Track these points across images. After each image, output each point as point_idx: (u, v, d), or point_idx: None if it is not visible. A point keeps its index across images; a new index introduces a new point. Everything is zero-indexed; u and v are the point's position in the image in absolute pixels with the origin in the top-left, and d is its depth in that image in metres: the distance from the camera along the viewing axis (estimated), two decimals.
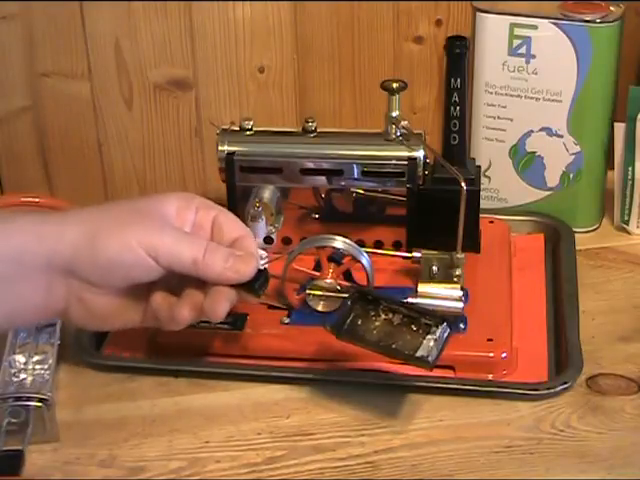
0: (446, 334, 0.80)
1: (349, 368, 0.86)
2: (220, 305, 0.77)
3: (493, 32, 1.02)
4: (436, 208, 0.95)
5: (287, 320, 0.90)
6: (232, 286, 0.78)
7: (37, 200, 1.05)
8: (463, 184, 0.89)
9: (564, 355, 0.88)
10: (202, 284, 0.78)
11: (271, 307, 0.90)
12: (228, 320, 0.87)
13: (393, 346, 0.80)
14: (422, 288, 0.88)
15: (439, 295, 0.87)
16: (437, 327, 0.81)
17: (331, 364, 0.87)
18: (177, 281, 0.78)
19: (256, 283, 0.78)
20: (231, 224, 0.81)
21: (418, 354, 0.79)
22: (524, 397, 0.84)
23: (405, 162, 0.94)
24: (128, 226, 0.76)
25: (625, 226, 1.07)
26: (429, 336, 0.80)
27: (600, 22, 0.99)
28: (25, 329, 0.88)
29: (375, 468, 0.78)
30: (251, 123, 0.97)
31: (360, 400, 0.83)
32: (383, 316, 0.83)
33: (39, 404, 0.80)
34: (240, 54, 1.14)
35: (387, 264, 0.95)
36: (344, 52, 1.16)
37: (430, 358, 0.79)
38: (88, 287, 0.76)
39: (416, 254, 0.92)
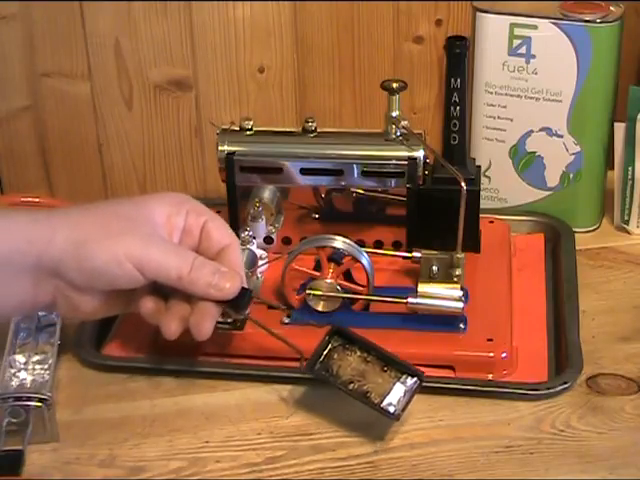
0: (415, 386, 0.80)
1: None
2: (205, 324, 0.78)
3: (493, 32, 1.02)
4: (436, 208, 0.95)
5: (287, 320, 0.90)
6: (216, 302, 0.78)
7: (37, 200, 1.05)
8: (463, 184, 0.89)
9: (564, 355, 0.88)
10: (188, 294, 0.78)
11: (271, 307, 0.90)
12: (228, 320, 0.87)
13: (364, 387, 0.80)
14: (422, 288, 0.88)
15: (439, 295, 0.87)
16: (409, 377, 0.81)
17: None
18: (163, 284, 0.79)
19: (241, 301, 0.79)
20: (219, 232, 0.81)
21: (385, 404, 0.79)
22: (524, 397, 0.84)
23: (405, 162, 0.94)
24: (116, 237, 0.76)
25: (625, 226, 1.07)
26: (399, 384, 0.80)
27: (600, 22, 0.99)
28: (25, 329, 0.88)
29: (375, 468, 0.78)
30: (251, 123, 0.97)
31: None
32: (358, 353, 0.83)
33: (39, 404, 0.80)
34: (240, 54, 1.14)
35: (387, 264, 0.95)
36: (344, 52, 1.15)
37: (396, 411, 0.79)
38: (73, 289, 0.77)
39: (416, 254, 0.92)
